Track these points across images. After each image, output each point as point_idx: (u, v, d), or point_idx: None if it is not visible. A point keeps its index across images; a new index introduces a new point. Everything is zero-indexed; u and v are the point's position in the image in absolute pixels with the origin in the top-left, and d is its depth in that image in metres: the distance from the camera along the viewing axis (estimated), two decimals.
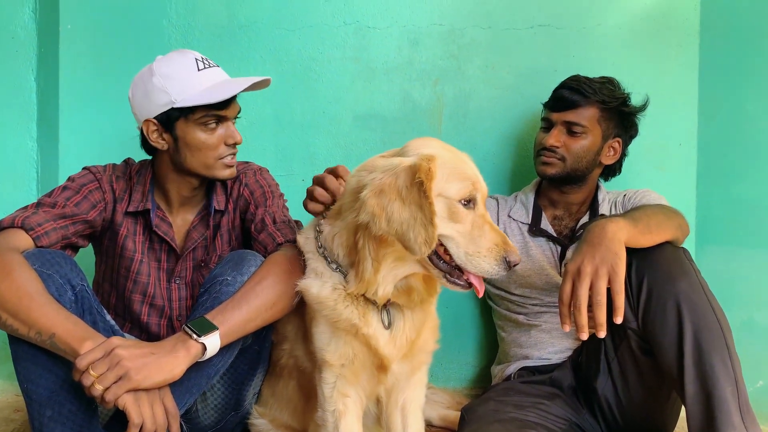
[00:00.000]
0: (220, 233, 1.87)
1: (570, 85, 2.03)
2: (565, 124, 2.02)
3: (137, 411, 1.34)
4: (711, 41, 2.48)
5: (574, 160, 2.01)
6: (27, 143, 2.43)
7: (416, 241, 1.30)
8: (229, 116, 1.73)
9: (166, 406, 1.39)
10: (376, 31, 2.44)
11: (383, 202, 1.32)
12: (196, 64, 1.69)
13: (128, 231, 1.79)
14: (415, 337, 1.55)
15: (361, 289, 1.45)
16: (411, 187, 1.31)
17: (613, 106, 2.02)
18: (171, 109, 1.66)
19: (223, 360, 1.59)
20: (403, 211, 1.31)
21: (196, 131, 1.70)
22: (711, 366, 1.45)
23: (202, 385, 1.57)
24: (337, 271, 1.50)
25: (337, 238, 1.50)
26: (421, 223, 1.30)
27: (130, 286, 1.80)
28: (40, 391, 1.38)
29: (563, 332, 1.96)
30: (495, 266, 1.35)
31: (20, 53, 2.41)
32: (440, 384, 2.42)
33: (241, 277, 1.57)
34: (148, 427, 1.35)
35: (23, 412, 2.22)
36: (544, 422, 1.70)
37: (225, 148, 1.74)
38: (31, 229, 1.57)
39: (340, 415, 1.55)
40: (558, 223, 2.11)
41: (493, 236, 1.36)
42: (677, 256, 1.58)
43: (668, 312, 1.52)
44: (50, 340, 1.36)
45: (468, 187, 1.37)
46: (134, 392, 1.34)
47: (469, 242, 1.36)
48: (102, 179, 1.78)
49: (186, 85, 1.65)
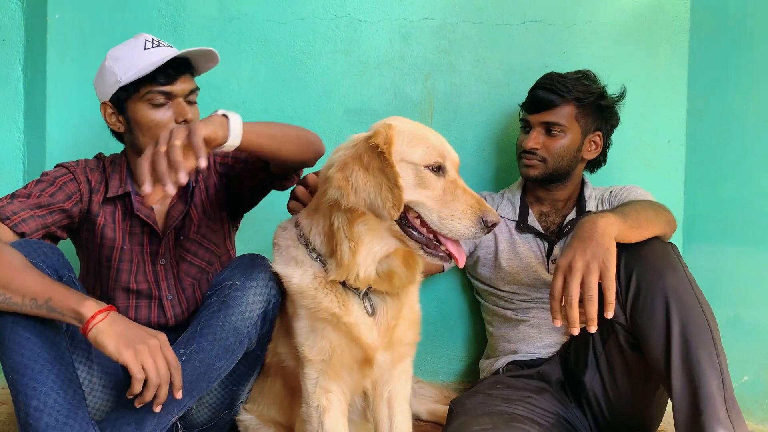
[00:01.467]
0: (194, 203, 1.87)
1: (544, 85, 2.02)
2: (542, 125, 2.02)
3: (138, 366, 1.34)
4: (701, 39, 2.49)
5: (555, 160, 2.02)
6: (14, 134, 2.40)
7: (384, 207, 1.32)
8: (176, 92, 1.71)
9: (168, 358, 1.39)
10: (367, 25, 2.43)
11: (347, 174, 1.35)
12: (144, 44, 1.69)
13: (106, 220, 1.79)
14: (395, 324, 1.55)
15: (342, 275, 1.45)
16: (372, 155, 1.34)
17: (589, 102, 2.02)
18: (119, 90, 1.68)
19: (227, 364, 1.59)
20: (367, 180, 1.34)
21: (144, 109, 1.70)
22: (697, 360, 1.46)
23: (203, 388, 1.57)
24: (317, 260, 1.51)
25: (314, 228, 1.52)
26: (387, 188, 1.32)
27: (113, 275, 1.79)
28: (26, 382, 1.36)
29: (551, 327, 1.97)
30: (471, 228, 1.34)
31: (7, 43, 2.38)
32: (428, 378, 2.42)
33: (249, 282, 1.58)
34: (152, 380, 1.35)
35: (8, 405, 2.20)
36: (532, 416, 1.71)
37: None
38: (6, 218, 1.56)
39: (324, 410, 1.55)
40: (545, 219, 2.12)
41: (466, 198, 1.36)
42: (666, 252, 1.59)
43: (656, 307, 1.52)
44: (47, 305, 1.36)
45: (432, 152, 1.38)
46: (134, 347, 1.34)
47: (442, 206, 1.36)
48: (76, 171, 1.79)
49: (131, 64, 1.66)
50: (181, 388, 1.43)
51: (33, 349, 1.39)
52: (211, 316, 1.57)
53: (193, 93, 1.77)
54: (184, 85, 1.73)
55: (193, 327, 1.59)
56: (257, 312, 1.59)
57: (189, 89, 1.74)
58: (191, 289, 1.87)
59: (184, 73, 1.73)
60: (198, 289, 1.88)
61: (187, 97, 1.75)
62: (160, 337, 1.41)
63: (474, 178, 2.47)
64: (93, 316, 1.35)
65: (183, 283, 1.86)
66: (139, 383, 1.35)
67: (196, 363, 1.53)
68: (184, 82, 1.73)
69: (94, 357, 1.61)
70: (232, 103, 2.40)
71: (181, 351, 1.53)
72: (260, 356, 1.76)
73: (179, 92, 1.72)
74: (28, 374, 1.37)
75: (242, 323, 1.57)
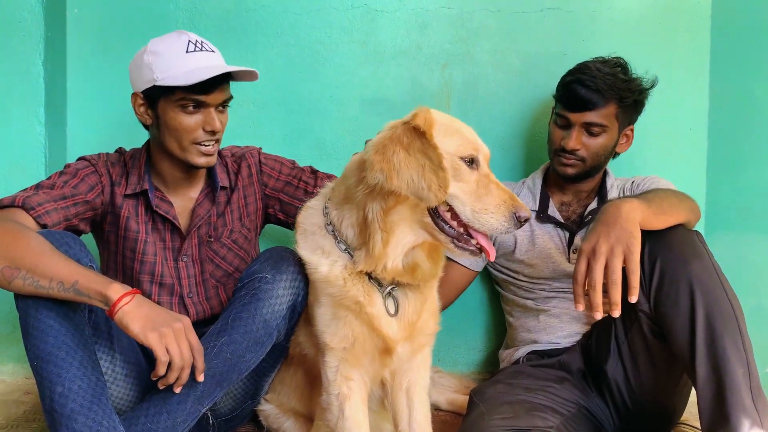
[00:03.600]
0: (230, 209, 1.89)
1: (585, 82, 1.91)
2: (584, 125, 1.95)
3: (163, 349, 1.37)
4: (722, 25, 2.45)
5: (593, 159, 1.98)
6: (35, 128, 2.42)
7: (430, 189, 1.29)
8: (209, 102, 1.70)
9: (191, 342, 1.43)
10: (384, 15, 2.42)
11: (388, 155, 1.31)
12: (187, 46, 1.68)
13: (129, 213, 1.80)
14: (416, 318, 1.55)
15: (371, 265, 1.45)
16: (413, 137, 1.31)
17: (631, 101, 1.97)
18: (153, 87, 1.68)
19: (257, 356, 1.60)
20: (410, 161, 1.30)
21: (174, 112, 1.70)
22: (723, 348, 1.44)
23: (233, 380, 1.59)
24: (346, 252, 1.50)
25: (346, 219, 1.49)
26: (431, 169, 1.29)
27: (137, 268, 1.81)
28: (51, 369, 1.38)
29: (572, 316, 1.96)
30: (504, 222, 1.33)
31: (27, 38, 2.40)
32: (447, 368, 2.42)
33: (279, 275, 1.59)
34: (176, 363, 1.39)
35: (33, 394, 2.23)
36: (552, 405, 1.70)
37: (202, 133, 1.72)
38: (31, 208, 1.58)
39: (345, 398, 1.56)
40: (566, 209, 2.10)
41: (499, 193, 1.35)
42: (690, 239, 1.57)
43: (681, 294, 1.50)
44: (74, 288, 1.38)
45: (467, 144, 1.36)
46: (159, 330, 1.37)
47: (475, 200, 1.34)
48: (97, 164, 1.80)
49: (170, 65, 1.65)
50: (203, 371, 1.46)
51: (57, 336, 1.41)
52: (242, 308, 1.58)
53: (228, 101, 1.77)
54: (219, 95, 1.72)
55: (224, 319, 1.60)
56: (286, 305, 1.60)
57: (223, 99, 1.74)
58: (214, 291, 1.88)
59: (222, 83, 1.72)
60: (223, 292, 1.89)
61: (219, 105, 1.75)
62: (184, 320, 1.44)
63: (493, 169, 2.38)
64: (119, 298, 1.37)
65: (207, 284, 1.87)
66: (164, 365, 1.38)
67: (228, 355, 1.55)
68: (219, 92, 1.72)
69: (117, 347, 1.63)
70: (249, 95, 2.40)
71: (212, 343, 1.55)
72: (286, 348, 1.78)
73: (213, 102, 1.71)
74: (53, 361, 1.39)
75: (272, 316, 1.58)
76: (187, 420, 1.53)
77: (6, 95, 2.40)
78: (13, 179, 2.38)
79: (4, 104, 2.40)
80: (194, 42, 1.70)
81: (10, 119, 2.40)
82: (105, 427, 1.38)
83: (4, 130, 2.40)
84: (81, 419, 1.37)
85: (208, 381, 1.52)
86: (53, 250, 1.43)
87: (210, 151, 1.75)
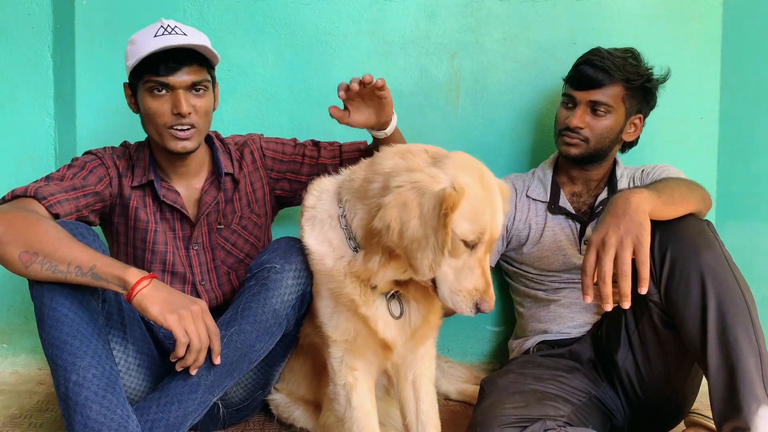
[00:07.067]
0: (238, 195, 1.90)
1: (593, 62, 1.94)
2: (589, 103, 1.95)
3: (182, 330, 1.40)
4: (734, 12, 2.42)
5: (597, 141, 1.97)
6: (45, 120, 2.43)
7: (422, 263, 1.32)
8: (174, 84, 1.69)
9: (207, 325, 1.46)
10: (392, 4, 2.40)
11: (403, 217, 1.32)
12: (156, 30, 1.68)
13: (138, 203, 1.82)
14: (421, 323, 1.56)
15: (362, 273, 1.47)
16: (433, 212, 1.31)
17: (637, 84, 1.96)
18: (131, 75, 1.72)
19: (266, 346, 1.61)
20: (417, 230, 1.31)
21: (146, 97, 1.72)
22: (735, 338, 1.43)
23: (244, 369, 1.60)
24: (354, 249, 1.50)
25: (357, 219, 1.48)
26: (432, 248, 1.31)
27: (148, 257, 1.82)
28: (65, 357, 1.40)
29: (583, 307, 1.95)
30: (467, 309, 1.38)
31: (36, 30, 2.41)
32: (457, 358, 2.43)
33: (289, 265, 1.59)
34: (194, 345, 1.42)
35: (46, 384, 2.26)
36: (563, 394, 1.70)
37: (171, 117, 1.71)
38: (44, 198, 1.59)
39: (351, 388, 1.56)
40: (576, 199, 2.09)
41: (478, 281, 1.37)
42: (701, 228, 1.56)
43: (692, 284, 1.50)
44: (91, 272, 1.40)
45: (477, 233, 1.36)
46: (177, 312, 1.40)
47: (455, 280, 1.38)
48: (104, 157, 1.82)
49: (138, 50, 1.67)
50: (219, 353, 1.49)
51: (71, 325, 1.42)
52: (252, 298, 1.59)
53: (201, 84, 1.73)
54: (186, 77, 1.70)
55: (234, 309, 1.61)
56: (295, 295, 1.60)
57: (191, 81, 1.71)
58: (226, 277, 1.90)
59: (189, 64, 1.70)
60: (235, 279, 1.91)
61: (192, 88, 1.72)
62: (201, 303, 1.46)
63: (503, 159, 2.44)
64: (137, 282, 1.40)
65: (219, 271, 1.88)
66: (183, 347, 1.41)
67: (238, 344, 1.56)
68: (187, 74, 1.70)
69: (129, 337, 1.65)
70: (258, 86, 2.40)
71: (222, 332, 1.55)
72: (296, 337, 1.79)
73: (177, 84, 1.69)
74: (68, 349, 1.40)
75: (281, 306, 1.59)
76: (198, 409, 1.54)
77: (15, 87, 2.40)
78: (23, 171, 2.40)
79: (14, 96, 2.41)
80: (165, 27, 1.69)
81: (19, 111, 2.42)
82: (119, 416, 1.40)
83: (14, 123, 2.42)
84: (95, 407, 1.38)
85: (218, 370, 1.53)
86: (70, 236, 1.44)
87: (183, 135, 1.73)
